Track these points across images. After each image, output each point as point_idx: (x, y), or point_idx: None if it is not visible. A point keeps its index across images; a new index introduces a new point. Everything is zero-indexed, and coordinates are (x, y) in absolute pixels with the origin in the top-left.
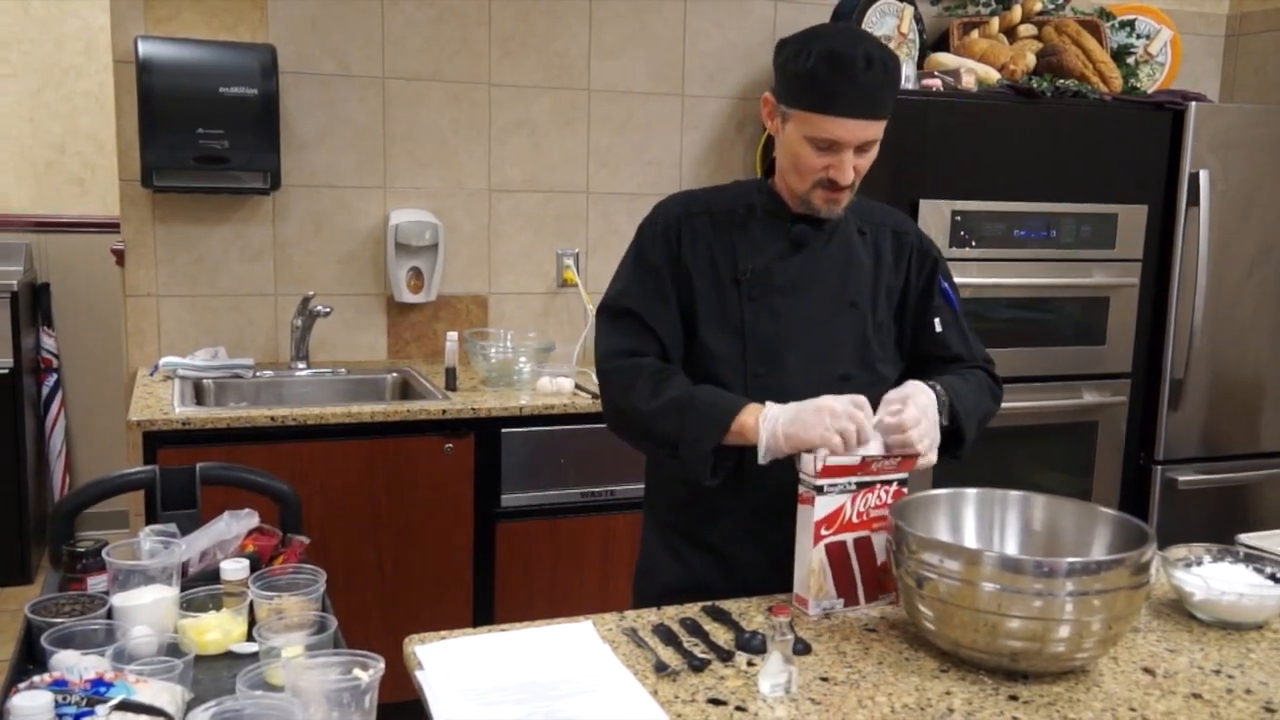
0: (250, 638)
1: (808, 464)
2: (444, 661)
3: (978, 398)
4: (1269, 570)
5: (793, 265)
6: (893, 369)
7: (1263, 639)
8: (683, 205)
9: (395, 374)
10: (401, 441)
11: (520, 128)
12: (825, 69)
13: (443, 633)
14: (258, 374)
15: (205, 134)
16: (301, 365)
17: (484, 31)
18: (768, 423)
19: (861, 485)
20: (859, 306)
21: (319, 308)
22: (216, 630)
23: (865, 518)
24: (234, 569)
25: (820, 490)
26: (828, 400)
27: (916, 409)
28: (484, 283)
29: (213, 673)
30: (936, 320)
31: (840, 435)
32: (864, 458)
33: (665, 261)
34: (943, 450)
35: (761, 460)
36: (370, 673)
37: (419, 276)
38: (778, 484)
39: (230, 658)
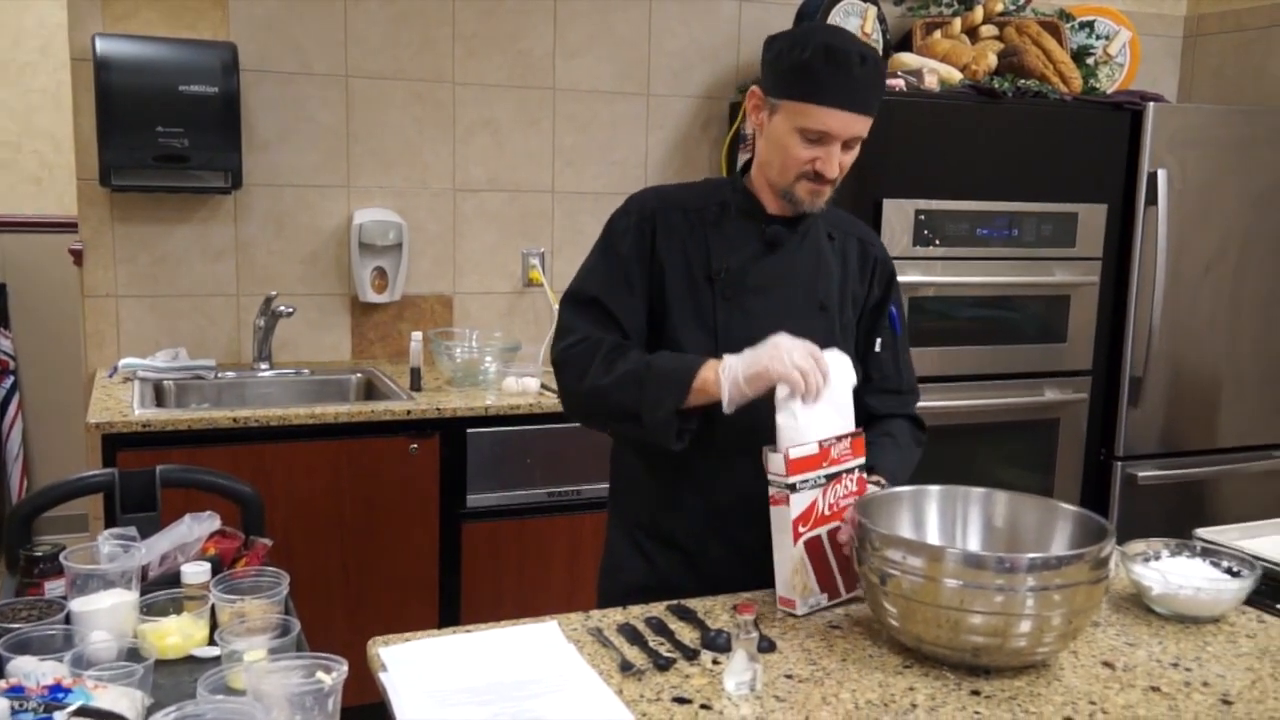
0: (212, 642)
1: (777, 463)
2: (408, 663)
3: (905, 463)
4: (1225, 564)
5: (766, 265)
6: (857, 374)
7: (1219, 632)
8: (657, 199)
9: (359, 374)
10: (366, 442)
11: (485, 127)
12: (822, 61)
13: (407, 634)
14: (219, 375)
15: (165, 133)
16: (264, 366)
17: (447, 30)
18: (728, 372)
19: (829, 477)
20: (828, 309)
21: (282, 308)
22: (177, 634)
23: (836, 509)
24: (195, 572)
25: (793, 489)
26: (781, 338)
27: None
28: (449, 282)
29: (174, 677)
30: (878, 341)
31: (800, 372)
32: (820, 443)
33: (636, 253)
34: None
35: (727, 409)
36: (333, 676)
37: (383, 276)
38: (743, 480)
39: (191, 662)
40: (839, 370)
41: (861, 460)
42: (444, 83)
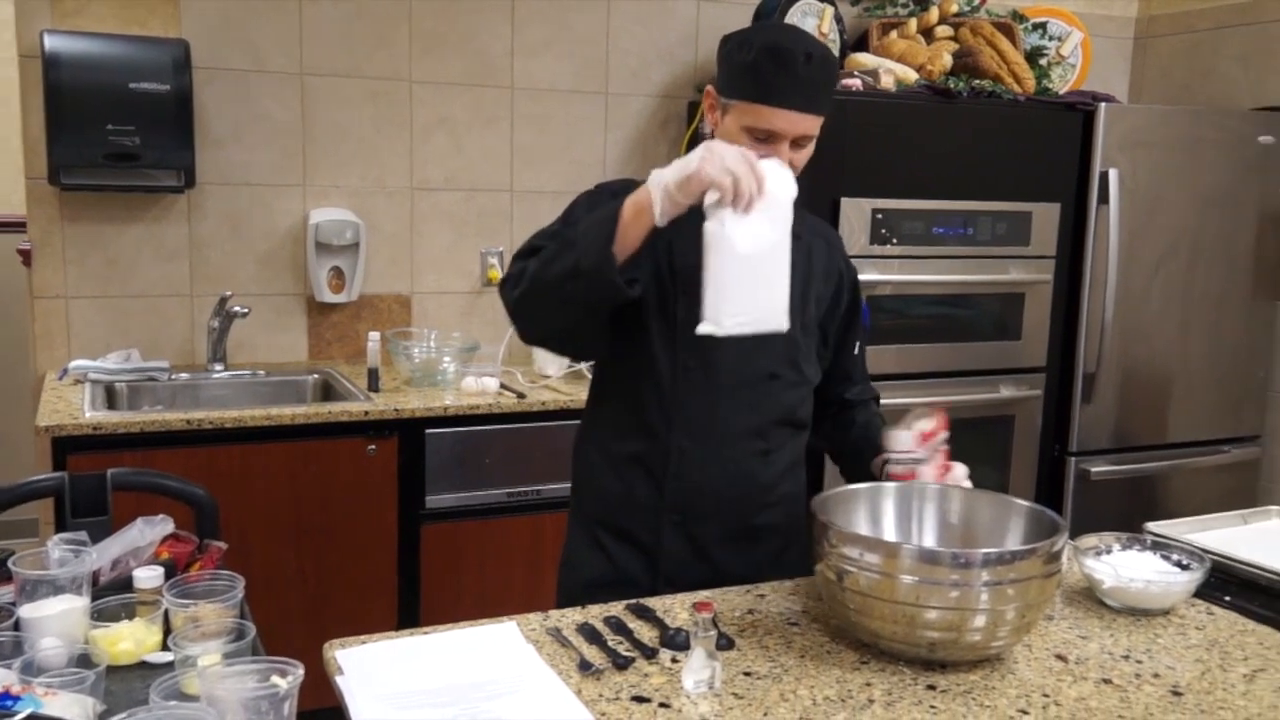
0: (165, 647)
1: (903, 440)
2: (364, 666)
3: None
4: (1175, 557)
5: None
6: (816, 372)
7: (1169, 624)
8: (624, 188)
9: (316, 375)
10: (323, 444)
11: (442, 125)
12: (767, 61)
13: (363, 637)
14: (173, 376)
15: (115, 131)
16: (219, 367)
17: (404, 28)
18: (658, 183)
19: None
20: (791, 306)
21: (236, 308)
22: (129, 640)
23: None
24: (147, 577)
25: (921, 461)
26: (716, 144)
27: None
28: (406, 282)
29: (126, 684)
30: (856, 345)
31: (731, 176)
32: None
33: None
34: None
35: (660, 222)
36: (289, 679)
37: (340, 276)
38: (699, 474)
39: (144, 668)
40: (776, 180)
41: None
42: (400, 81)
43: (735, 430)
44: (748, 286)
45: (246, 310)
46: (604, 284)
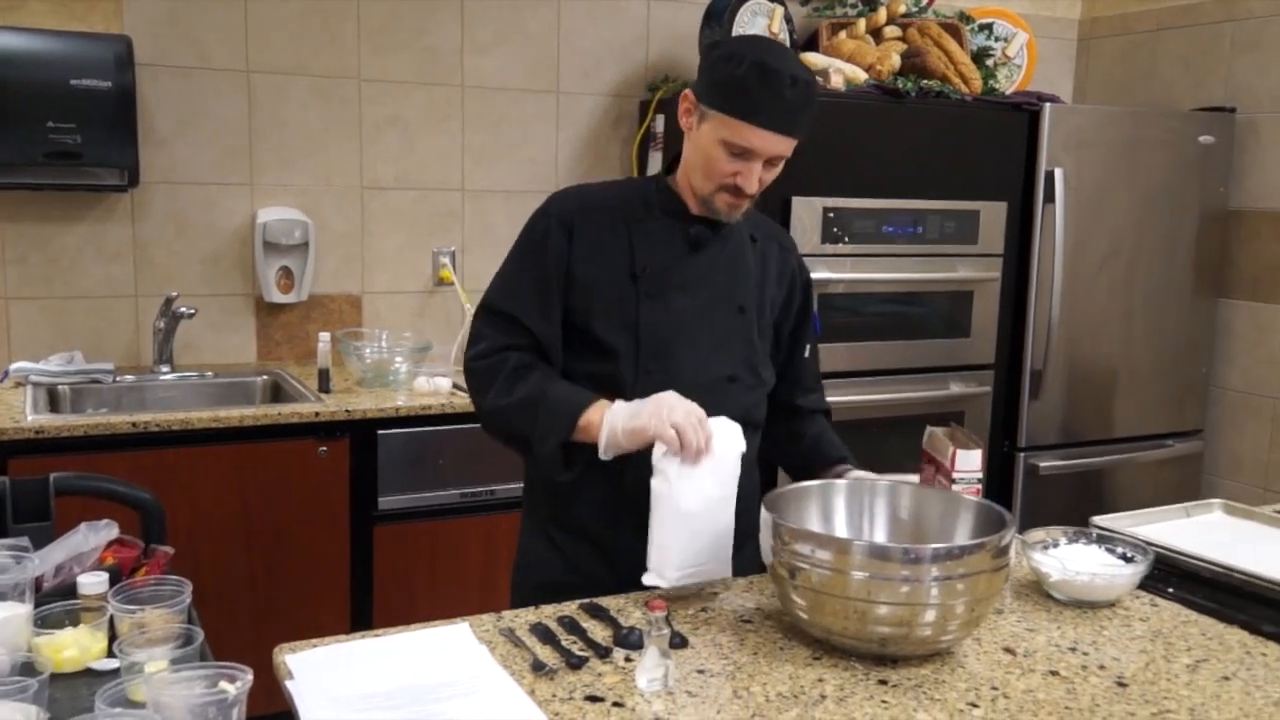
0: (111, 654)
1: (972, 460)
2: (315, 670)
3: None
4: (1120, 550)
5: (689, 265)
6: (771, 375)
7: (1115, 616)
8: (579, 199)
9: (265, 376)
10: (273, 445)
11: (392, 124)
12: (755, 79)
13: (314, 640)
14: (118, 379)
15: (56, 128)
16: (165, 369)
17: (352, 25)
18: (609, 420)
19: None
20: (746, 311)
21: (183, 309)
22: (74, 647)
23: None
24: (92, 583)
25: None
26: (668, 396)
27: None
28: (357, 282)
29: (71, 691)
30: (806, 348)
31: (676, 430)
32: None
33: (554, 257)
34: None
35: (603, 456)
36: (238, 685)
37: (289, 276)
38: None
39: (89, 675)
40: (724, 438)
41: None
42: (349, 79)
43: None
44: (691, 541)
45: (193, 311)
46: (548, 469)
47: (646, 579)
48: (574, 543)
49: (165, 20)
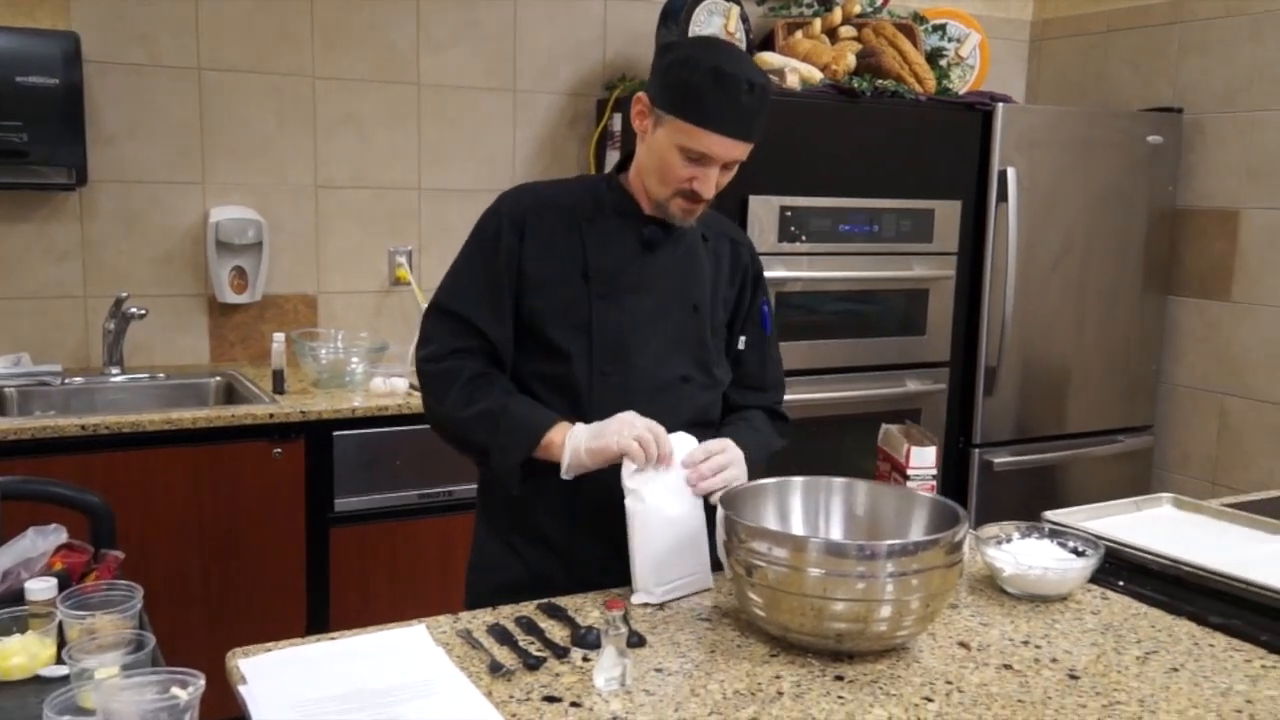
0: (60, 660)
1: (928, 457)
2: (268, 674)
3: (760, 444)
4: (1072, 545)
5: (642, 265)
6: (726, 373)
7: (1066, 609)
8: (531, 197)
9: (219, 377)
10: (226, 448)
11: (347, 122)
12: (711, 85)
13: (268, 644)
14: (66, 381)
15: (1, 127)
16: (115, 370)
17: (306, 22)
18: (572, 441)
19: None
20: (700, 311)
21: (133, 310)
22: (22, 654)
23: None
24: (40, 589)
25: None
26: (628, 415)
27: (738, 469)
28: (312, 282)
29: (19, 699)
30: (742, 340)
31: (638, 442)
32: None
33: (506, 256)
34: None
35: (565, 475)
36: (189, 690)
37: (242, 276)
38: (611, 473)
39: (38, 682)
40: (684, 450)
41: None
42: (304, 76)
43: None
44: (672, 554)
45: (144, 312)
46: (505, 482)
47: (635, 599)
48: (532, 547)
49: (114, 16)
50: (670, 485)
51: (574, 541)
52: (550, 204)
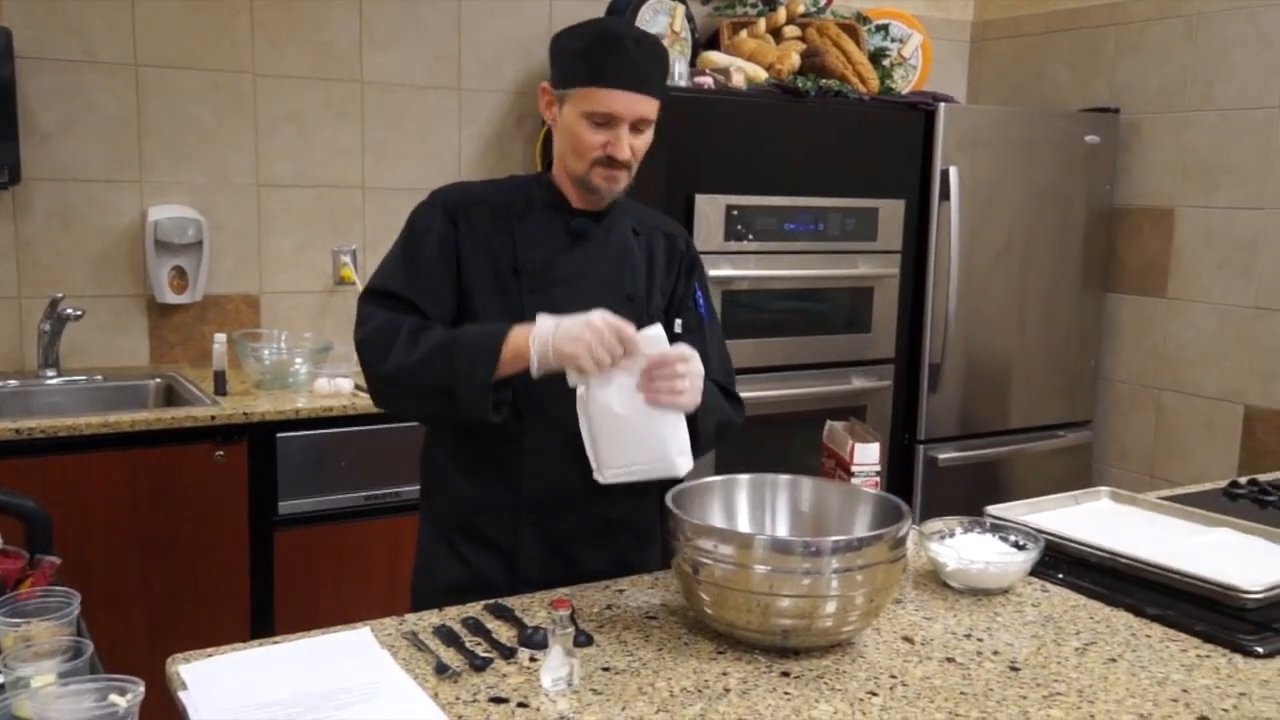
0: None
1: (872, 453)
2: (209, 680)
3: (716, 399)
4: (1013, 538)
5: (572, 258)
6: None
7: (1008, 602)
8: (461, 194)
9: (159, 379)
10: (167, 451)
11: (289, 120)
12: (598, 46)
13: (209, 650)
14: (0, 384)
15: None
16: (51, 373)
17: (245, 17)
18: (538, 340)
19: None
20: (635, 300)
21: (69, 310)
22: None
23: None
24: None
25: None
26: (595, 318)
27: (693, 393)
28: (254, 282)
29: None
30: (678, 322)
31: (596, 362)
32: None
33: (439, 248)
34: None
35: (534, 374)
36: (128, 698)
37: (182, 276)
38: (554, 473)
39: None
40: (653, 343)
41: None
42: (244, 73)
43: None
44: (622, 442)
45: (80, 313)
46: (476, 410)
47: (596, 477)
48: (477, 550)
49: (46, 11)
50: (621, 385)
51: (518, 546)
52: (482, 200)
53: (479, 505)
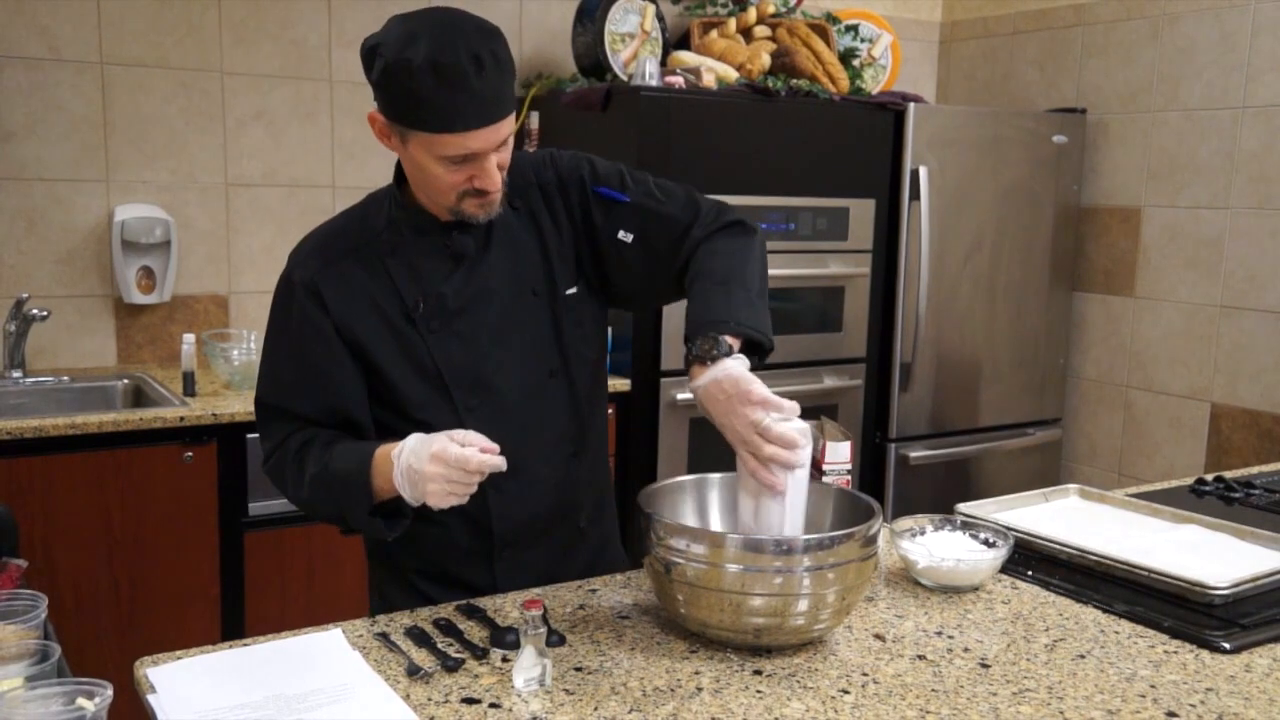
0: None
1: (843, 452)
2: (178, 683)
3: (747, 290)
4: (983, 536)
5: (461, 281)
6: (594, 347)
7: (978, 600)
8: (317, 257)
9: (126, 380)
10: (135, 452)
11: (258, 119)
12: (433, 85)
13: (179, 652)
14: None
15: None
16: (17, 374)
17: (213, 15)
18: (399, 483)
19: None
20: (540, 294)
21: (35, 311)
22: None
23: None
24: None
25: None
26: (438, 450)
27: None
28: (223, 282)
29: None
30: (620, 232)
31: (453, 494)
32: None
33: (314, 332)
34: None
35: (415, 505)
36: (96, 701)
37: (150, 276)
38: (526, 505)
39: None
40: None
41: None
42: (211, 72)
43: (541, 444)
44: (797, 518)
45: (46, 313)
46: (372, 534)
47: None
48: (446, 592)
49: (10, 8)
50: (800, 479)
51: (490, 578)
52: (340, 254)
53: (450, 550)
